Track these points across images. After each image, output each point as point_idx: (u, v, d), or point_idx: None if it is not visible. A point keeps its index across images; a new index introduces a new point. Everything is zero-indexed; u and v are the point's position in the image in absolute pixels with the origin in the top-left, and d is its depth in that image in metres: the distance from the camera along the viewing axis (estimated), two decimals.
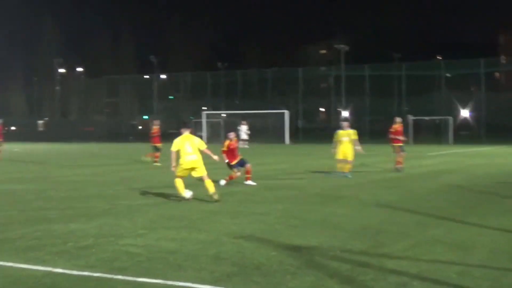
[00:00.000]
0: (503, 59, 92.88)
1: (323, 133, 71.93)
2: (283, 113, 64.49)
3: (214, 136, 60.42)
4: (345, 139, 22.88)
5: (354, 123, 73.97)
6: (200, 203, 15.16)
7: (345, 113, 74.61)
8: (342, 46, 76.03)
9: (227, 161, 19.73)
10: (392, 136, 25.59)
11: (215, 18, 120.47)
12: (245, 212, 13.72)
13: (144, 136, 40.24)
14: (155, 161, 29.35)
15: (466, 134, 66.72)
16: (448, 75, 72.79)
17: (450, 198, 16.41)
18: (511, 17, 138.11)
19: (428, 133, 65.53)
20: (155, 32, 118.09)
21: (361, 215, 13.20)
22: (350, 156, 22.71)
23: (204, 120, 67.18)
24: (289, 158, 36.33)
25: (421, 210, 13.80)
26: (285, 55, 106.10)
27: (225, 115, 73.08)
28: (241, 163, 19.88)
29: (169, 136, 26.61)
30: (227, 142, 19.90)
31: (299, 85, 74.30)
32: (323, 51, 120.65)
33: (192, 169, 15.65)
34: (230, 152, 19.76)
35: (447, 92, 70.58)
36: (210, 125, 68.17)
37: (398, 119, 26.20)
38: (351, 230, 11.28)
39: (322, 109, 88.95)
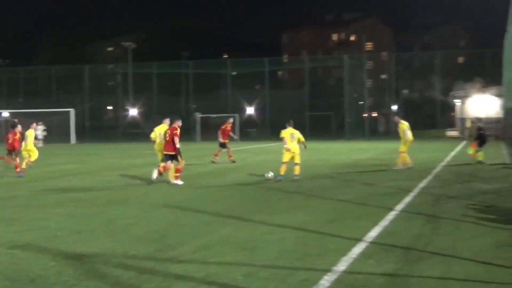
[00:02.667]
0: (285, 58, 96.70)
1: (111, 131, 70.84)
2: (68, 112, 62.49)
3: None
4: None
5: (143, 122, 74.19)
6: None
7: (133, 111, 73.81)
8: (129, 43, 75.18)
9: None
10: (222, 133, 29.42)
11: None
12: (24, 218, 12.77)
13: None
14: None
15: (253, 131, 68.54)
16: (234, 73, 74.44)
17: (238, 196, 16.46)
18: (293, 18, 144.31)
19: (215, 131, 66.43)
20: None
21: (149, 217, 12.78)
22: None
23: None
24: (75, 158, 35.06)
25: (209, 209, 13.62)
26: (72, 52, 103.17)
27: (7, 114, 69.42)
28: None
29: None
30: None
31: (85, 83, 72.49)
32: (111, 48, 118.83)
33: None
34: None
35: (234, 90, 72.08)
36: None
37: (231, 119, 30.58)
38: (137, 234, 10.81)
39: (110, 107, 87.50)
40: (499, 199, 14.79)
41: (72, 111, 62.62)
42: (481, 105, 58.82)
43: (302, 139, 20.44)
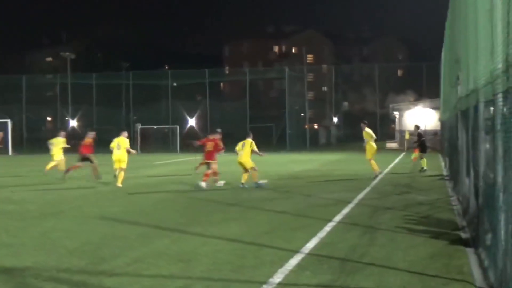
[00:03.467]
0: (227, 69, 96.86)
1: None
2: (5, 123, 61.21)
3: None
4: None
5: (82, 133, 73.14)
6: None
7: (72, 122, 72.81)
8: (68, 53, 74.17)
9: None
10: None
11: None
12: None
13: None
14: None
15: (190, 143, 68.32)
16: (175, 84, 74.08)
17: (175, 208, 16.29)
18: (235, 30, 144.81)
19: (156, 142, 66.05)
20: None
21: (83, 230, 12.52)
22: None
23: None
24: (11, 170, 34.31)
25: (146, 221, 13.45)
26: (9, 62, 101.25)
27: None
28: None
29: None
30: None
31: (23, 93, 71.24)
32: (49, 59, 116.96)
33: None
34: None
35: (175, 101, 71.70)
36: None
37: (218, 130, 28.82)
38: (70, 247, 10.56)
39: (49, 118, 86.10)
40: (434, 210, 14.96)
41: (9, 122, 61.35)
42: (418, 117, 59.78)
43: (252, 147, 21.70)
